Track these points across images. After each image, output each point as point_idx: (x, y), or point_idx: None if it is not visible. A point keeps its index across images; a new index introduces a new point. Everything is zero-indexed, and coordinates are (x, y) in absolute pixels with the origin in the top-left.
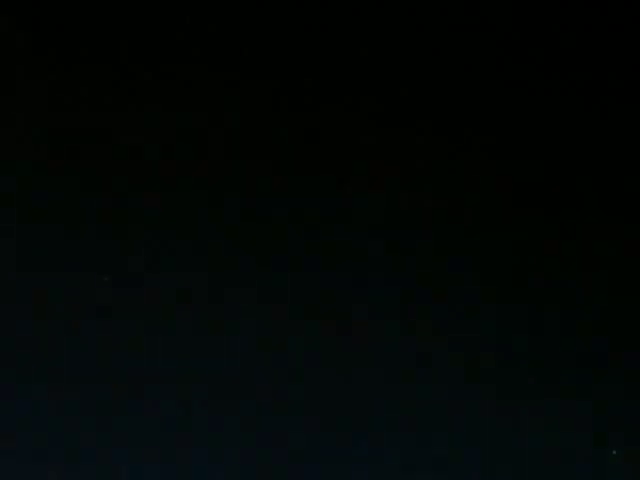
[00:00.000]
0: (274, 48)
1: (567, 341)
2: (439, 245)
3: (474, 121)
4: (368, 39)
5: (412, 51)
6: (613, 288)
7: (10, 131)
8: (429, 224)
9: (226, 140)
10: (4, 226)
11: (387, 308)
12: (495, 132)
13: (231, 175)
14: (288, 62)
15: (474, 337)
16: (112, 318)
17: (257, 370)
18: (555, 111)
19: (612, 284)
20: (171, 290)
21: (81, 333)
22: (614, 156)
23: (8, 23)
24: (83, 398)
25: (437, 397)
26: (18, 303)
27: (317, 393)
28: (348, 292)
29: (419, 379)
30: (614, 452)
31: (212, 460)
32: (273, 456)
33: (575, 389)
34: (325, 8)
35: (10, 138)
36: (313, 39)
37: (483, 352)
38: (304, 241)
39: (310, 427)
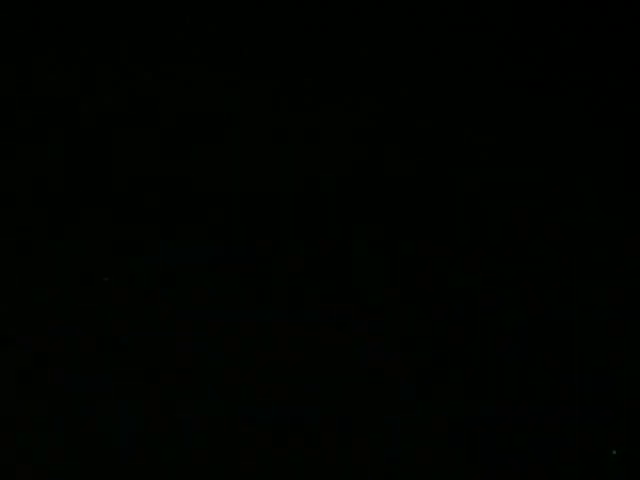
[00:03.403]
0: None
1: (566, 341)
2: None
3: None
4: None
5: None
6: (613, 289)
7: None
8: None
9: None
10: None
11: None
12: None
13: None
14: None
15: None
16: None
17: None
18: (555, 111)
19: (612, 286)
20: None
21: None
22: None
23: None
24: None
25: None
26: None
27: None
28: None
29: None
30: (614, 452)
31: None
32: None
33: (574, 389)
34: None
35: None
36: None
37: (483, 351)
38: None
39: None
